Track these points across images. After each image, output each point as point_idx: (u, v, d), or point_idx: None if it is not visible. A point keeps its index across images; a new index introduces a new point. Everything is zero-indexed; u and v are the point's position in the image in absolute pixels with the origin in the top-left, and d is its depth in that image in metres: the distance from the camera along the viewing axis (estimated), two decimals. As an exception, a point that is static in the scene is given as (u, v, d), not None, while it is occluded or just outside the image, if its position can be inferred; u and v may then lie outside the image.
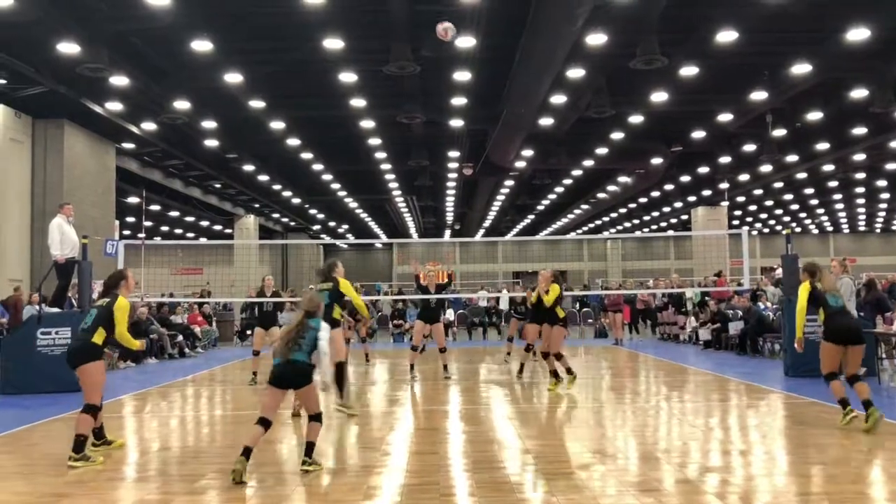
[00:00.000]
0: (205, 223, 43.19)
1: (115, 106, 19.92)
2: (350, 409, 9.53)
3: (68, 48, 14.75)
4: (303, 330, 6.60)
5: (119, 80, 17.20)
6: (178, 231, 47.33)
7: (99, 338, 7.13)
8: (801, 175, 32.66)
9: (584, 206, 41.71)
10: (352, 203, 39.39)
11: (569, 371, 11.23)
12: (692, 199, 38.08)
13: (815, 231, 59.77)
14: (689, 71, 17.57)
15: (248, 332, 22.28)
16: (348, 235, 52.37)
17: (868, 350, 11.79)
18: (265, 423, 6.48)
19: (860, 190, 40.09)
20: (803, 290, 8.45)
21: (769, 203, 43.94)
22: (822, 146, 26.58)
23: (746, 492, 5.77)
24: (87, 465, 6.84)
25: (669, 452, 7.18)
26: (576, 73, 17.77)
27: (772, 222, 53.95)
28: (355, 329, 17.22)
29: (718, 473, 6.40)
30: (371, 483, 6.16)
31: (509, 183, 33.67)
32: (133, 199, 31.43)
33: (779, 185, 35.76)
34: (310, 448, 6.51)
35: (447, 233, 50.38)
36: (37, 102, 19.23)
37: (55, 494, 5.93)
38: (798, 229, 56.30)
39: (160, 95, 18.90)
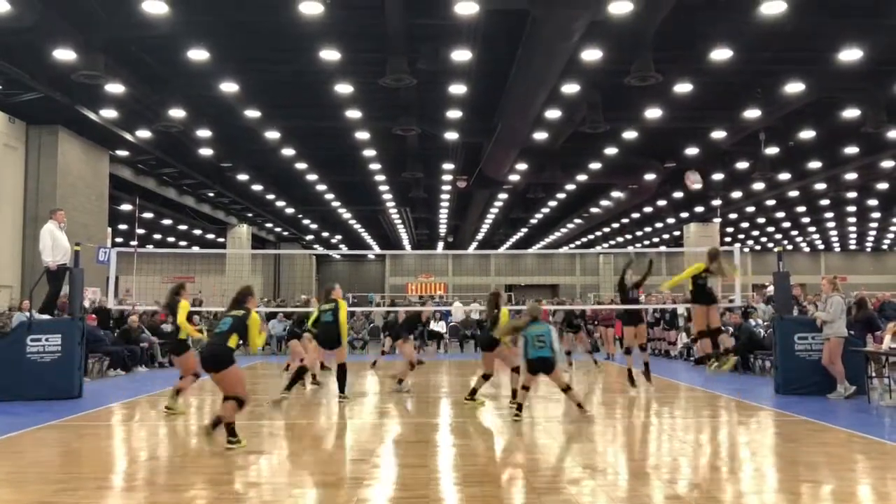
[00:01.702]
0: (197, 232, 43.12)
1: (109, 113, 19.92)
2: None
3: (64, 55, 14.74)
4: None
5: (114, 88, 17.20)
6: (171, 239, 47.22)
7: (233, 342, 8.03)
8: (794, 193, 32.84)
9: (578, 221, 41.82)
10: (345, 214, 39.40)
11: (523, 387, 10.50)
12: (685, 215, 38.24)
13: (807, 249, 60.02)
14: (683, 88, 17.69)
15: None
16: (341, 246, 52.36)
17: (857, 368, 11.89)
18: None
19: (851, 209, 40.33)
20: (697, 267, 11.64)
21: (761, 220, 44.14)
22: (815, 165, 26.75)
23: (736, 509, 5.77)
24: (239, 446, 7.78)
25: (659, 468, 7.18)
26: (571, 87, 17.86)
27: (763, 240, 54.15)
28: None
29: (708, 490, 6.40)
30: (361, 496, 6.14)
31: (503, 196, 33.74)
32: (126, 207, 31.38)
33: (771, 202, 35.95)
34: None
35: (440, 245, 50.42)
36: (31, 108, 19.23)
37: (43, 502, 5.89)
38: (790, 247, 56.50)
39: (155, 103, 18.90)
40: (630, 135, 22.57)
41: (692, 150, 24.76)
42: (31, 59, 16.04)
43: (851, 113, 19.86)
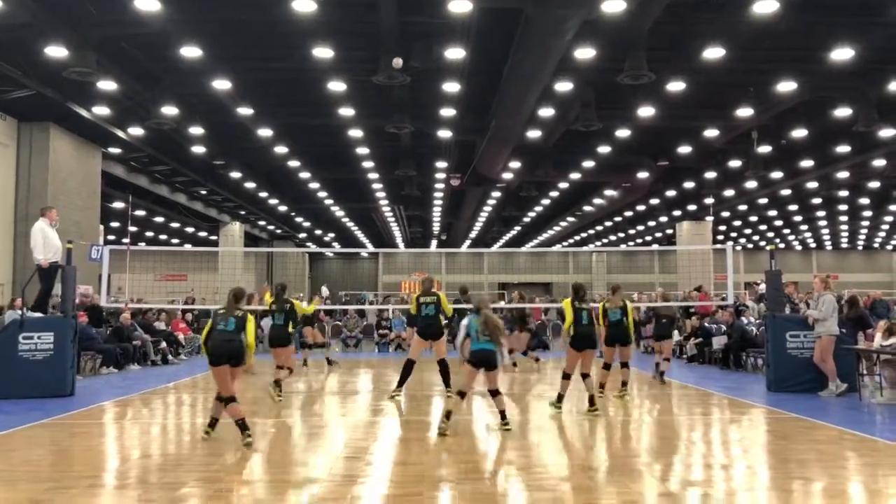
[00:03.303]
0: (190, 229, 43.01)
1: (101, 110, 19.85)
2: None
3: (56, 51, 14.68)
4: None
5: (107, 85, 17.13)
6: (163, 237, 47.09)
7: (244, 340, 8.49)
8: (786, 191, 32.96)
9: (570, 219, 41.88)
10: (338, 212, 39.36)
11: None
12: (677, 213, 38.33)
13: (799, 247, 60.25)
14: (676, 86, 17.72)
15: None
16: (334, 244, 52.31)
17: (848, 366, 11.95)
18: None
19: (843, 207, 40.48)
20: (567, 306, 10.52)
21: (753, 219, 44.29)
22: (807, 163, 26.84)
23: (728, 506, 5.80)
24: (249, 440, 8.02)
25: (652, 465, 7.20)
26: (564, 86, 17.88)
27: (756, 238, 54.34)
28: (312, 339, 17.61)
29: (700, 487, 6.43)
30: (354, 493, 6.14)
31: (496, 194, 33.75)
32: (118, 204, 31.25)
33: (763, 201, 36.08)
34: None
35: (433, 243, 50.39)
36: (23, 105, 19.13)
37: (35, 501, 5.88)
38: (782, 245, 56.71)
39: (148, 100, 18.84)
40: (623, 133, 22.60)
41: (685, 149, 24.82)
42: (23, 55, 15.98)
43: (843, 112, 19.93)
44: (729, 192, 32.77)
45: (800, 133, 22.23)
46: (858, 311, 14.38)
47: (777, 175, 28.54)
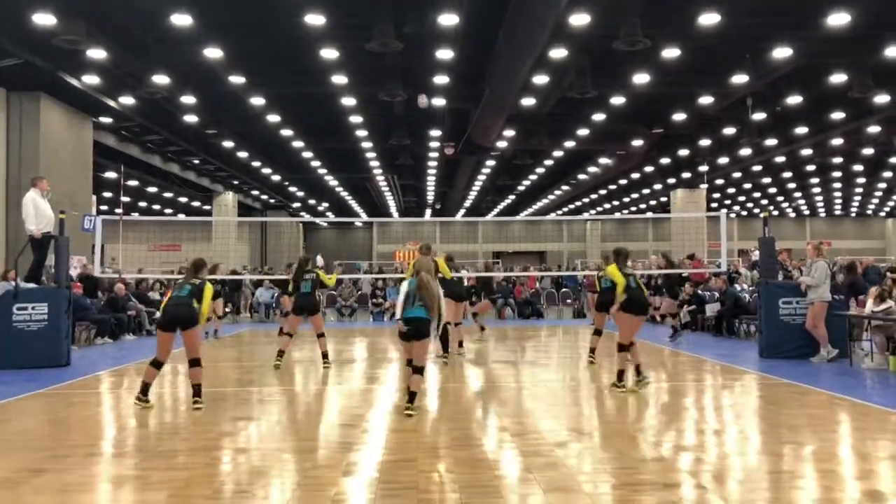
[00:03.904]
0: (183, 199, 42.84)
1: (92, 79, 19.63)
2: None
3: (44, 19, 14.46)
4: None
5: (96, 53, 16.92)
6: (156, 207, 46.93)
7: (196, 306, 8.57)
8: (780, 159, 32.92)
9: (565, 187, 41.82)
10: (332, 181, 39.20)
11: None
12: (672, 181, 38.30)
13: (792, 214, 60.35)
14: (671, 53, 17.61)
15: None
16: (328, 213, 52.18)
17: (840, 332, 12.05)
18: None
19: (837, 174, 40.49)
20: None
21: (747, 186, 44.29)
22: (801, 130, 26.79)
23: (720, 470, 5.87)
24: (201, 405, 8.39)
25: (644, 431, 7.27)
26: (558, 53, 17.72)
27: (750, 205, 54.39)
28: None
29: (692, 452, 6.50)
30: (350, 459, 6.20)
31: (490, 163, 33.65)
32: (111, 174, 31.09)
33: (757, 168, 36.05)
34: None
35: (428, 212, 50.32)
36: (12, 74, 18.90)
37: (32, 470, 5.91)
38: (775, 213, 56.79)
39: (139, 69, 18.63)
40: (618, 100, 22.48)
41: (679, 116, 24.73)
42: (11, 23, 15.73)
43: (839, 78, 19.85)
44: (723, 160, 32.72)
45: (795, 100, 22.16)
46: (854, 276, 14.44)
47: (771, 142, 28.48)
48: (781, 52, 17.79)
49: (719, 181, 39.86)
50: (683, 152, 31.11)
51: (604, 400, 9.29)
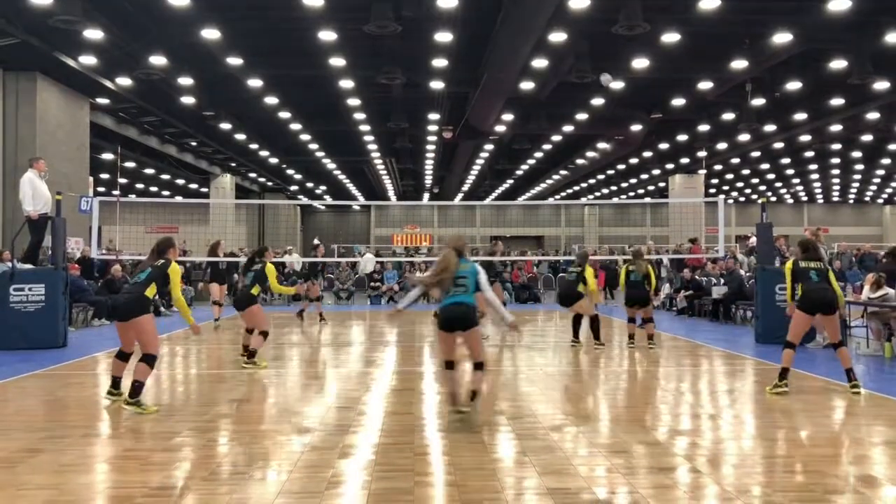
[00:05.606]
0: (180, 181, 42.74)
1: (89, 60, 19.51)
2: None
3: (40, -1, 14.39)
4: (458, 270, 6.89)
5: (93, 34, 16.82)
6: (154, 189, 46.82)
7: (150, 292, 7.62)
8: (778, 145, 32.89)
9: (563, 172, 41.75)
10: (330, 164, 39.11)
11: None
12: (670, 166, 38.27)
13: (790, 201, 60.36)
14: (670, 38, 17.54)
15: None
16: (326, 196, 52.08)
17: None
18: (452, 366, 6.96)
19: (835, 161, 40.47)
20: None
21: (746, 172, 44.26)
22: (800, 116, 26.74)
23: (714, 454, 5.90)
24: (138, 410, 7.26)
25: (640, 416, 7.30)
26: (558, 36, 17.65)
27: (748, 191, 54.39)
28: (307, 292, 17.36)
29: (688, 436, 6.53)
30: (347, 442, 6.22)
31: (489, 147, 33.58)
32: (108, 156, 30.98)
33: (756, 154, 36.01)
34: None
35: (426, 196, 50.28)
36: (8, 54, 18.78)
37: (30, 450, 5.93)
38: (773, 199, 56.81)
39: (136, 50, 18.54)
40: (617, 85, 22.41)
41: (678, 101, 24.67)
42: (7, 2, 15.64)
43: (838, 64, 19.80)
44: (722, 146, 32.70)
45: (794, 86, 22.10)
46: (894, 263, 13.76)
47: (770, 128, 28.44)
48: (781, 38, 17.73)
49: (718, 167, 39.84)
50: (682, 138, 31.07)
51: (600, 384, 9.32)
